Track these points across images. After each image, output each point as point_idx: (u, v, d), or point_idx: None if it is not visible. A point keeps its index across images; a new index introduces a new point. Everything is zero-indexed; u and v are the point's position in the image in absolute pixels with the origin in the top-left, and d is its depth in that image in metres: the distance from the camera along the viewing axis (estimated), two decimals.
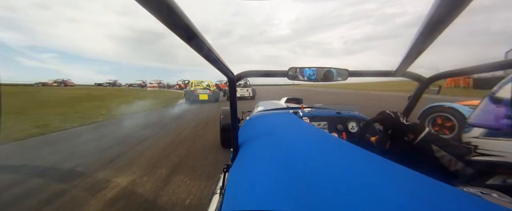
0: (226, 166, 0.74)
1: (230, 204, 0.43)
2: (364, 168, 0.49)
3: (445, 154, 0.65)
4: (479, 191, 0.43)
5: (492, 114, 0.48)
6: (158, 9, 0.24)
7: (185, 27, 0.29)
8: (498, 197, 0.40)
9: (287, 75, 0.78)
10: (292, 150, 0.63)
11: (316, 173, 0.47)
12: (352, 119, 1.39)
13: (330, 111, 1.52)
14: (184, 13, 0.27)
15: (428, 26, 0.35)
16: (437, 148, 0.67)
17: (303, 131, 0.88)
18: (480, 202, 0.36)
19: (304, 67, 0.77)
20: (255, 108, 2.28)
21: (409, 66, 0.69)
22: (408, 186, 0.40)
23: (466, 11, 0.29)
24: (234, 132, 0.82)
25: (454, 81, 17.66)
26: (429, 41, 0.42)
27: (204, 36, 0.35)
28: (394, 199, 0.35)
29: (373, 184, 0.40)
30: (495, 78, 4.12)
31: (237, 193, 0.46)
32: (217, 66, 0.52)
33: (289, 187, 0.42)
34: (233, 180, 0.56)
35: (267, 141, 0.78)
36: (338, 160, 0.54)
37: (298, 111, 1.48)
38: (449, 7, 0.28)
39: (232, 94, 0.74)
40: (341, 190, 0.39)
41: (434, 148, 0.68)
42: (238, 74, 0.76)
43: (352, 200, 0.36)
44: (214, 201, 0.69)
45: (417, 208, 0.33)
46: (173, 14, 0.25)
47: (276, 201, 0.38)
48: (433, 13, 0.30)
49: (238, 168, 0.63)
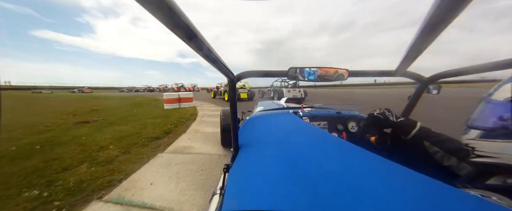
0: (226, 166, 0.73)
1: (230, 204, 0.43)
2: (364, 168, 0.49)
3: (437, 150, 0.65)
4: (480, 192, 0.43)
5: (488, 116, 0.49)
6: (158, 9, 0.24)
7: (185, 27, 0.29)
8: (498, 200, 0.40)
9: (287, 75, 0.78)
10: (292, 150, 0.63)
11: (316, 173, 0.47)
12: (352, 119, 1.39)
13: (330, 110, 1.52)
14: (184, 13, 0.27)
15: (427, 26, 0.35)
16: (429, 145, 0.68)
17: (303, 131, 0.88)
18: (480, 202, 0.36)
19: (304, 67, 0.77)
20: (255, 108, 2.28)
21: (409, 66, 0.69)
22: (408, 186, 0.40)
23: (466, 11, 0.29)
24: (234, 132, 0.82)
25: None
26: (429, 41, 0.42)
27: (203, 36, 0.35)
28: (393, 198, 0.35)
29: (373, 184, 0.40)
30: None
31: (237, 193, 0.46)
32: (217, 66, 0.51)
33: (289, 187, 0.42)
34: (233, 180, 0.56)
35: (267, 142, 0.78)
36: (339, 160, 0.54)
37: (298, 111, 1.48)
38: (449, 7, 0.28)
39: (232, 94, 0.74)
40: (341, 190, 0.39)
41: (426, 144, 0.68)
42: (238, 74, 0.76)
43: (352, 199, 0.36)
44: (214, 201, 0.69)
45: (418, 207, 0.33)
46: (173, 14, 0.25)
47: (276, 201, 0.38)
48: (433, 13, 0.30)
49: (238, 168, 0.63)
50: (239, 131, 0.97)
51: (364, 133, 1.06)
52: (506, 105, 0.45)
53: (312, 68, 0.77)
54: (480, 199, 0.37)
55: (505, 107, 0.45)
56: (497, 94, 0.48)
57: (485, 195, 0.42)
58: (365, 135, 1.16)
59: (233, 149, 0.87)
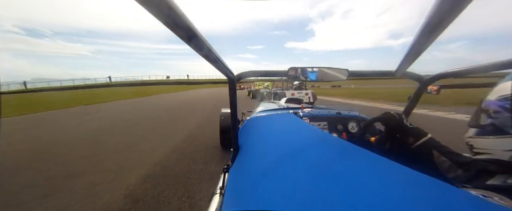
0: (226, 166, 0.73)
1: (230, 204, 0.43)
2: (365, 167, 0.49)
3: (445, 160, 0.67)
4: (480, 192, 0.43)
5: (481, 114, 0.54)
6: (158, 9, 0.24)
7: (185, 27, 0.29)
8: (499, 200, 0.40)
9: (287, 75, 0.78)
10: (292, 150, 0.63)
11: (316, 174, 0.46)
12: (352, 119, 1.39)
13: (330, 111, 1.52)
14: (184, 13, 0.27)
15: (428, 26, 0.35)
16: (438, 154, 0.69)
17: (303, 132, 0.88)
18: (480, 202, 0.35)
19: (304, 67, 0.77)
20: (255, 108, 2.28)
21: (409, 66, 0.69)
22: (409, 186, 0.40)
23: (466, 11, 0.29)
24: (234, 132, 0.82)
25: None
26: (429, 41, 0.42)
27: (203, 36, 0.35)
28: (393, 198, 0.35)
29: (373, 184, 0.40)
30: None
31: (237, 193, 0.46)
32: (217, 66, 0.51)
33: (289, 187, 0.42)
34: (233, 180, 0.56)
35: (267, 142, 0.78)
36: (339, 160, 0.54)
37: (298, 111, 1.48)
38: (449, 7, 0.28)
39: (232, 94, 0.74)
40: (341, 190, 0.39)
41: (435, 153, 0.70)
42: (238, 74, 0.76)
43: (353, 200, 0.36)
44: (214, 201, 0.69)
45: (418, 207, 0.33)
46: (173, 14, 0.25)
47: (276, 201, 0.38)
48: (433, 13, 0.30)
49: (238, 168, 0.63)
50: (239, 131, 0.97)
51: (371, 125, 1.05)
52: (495, 104, 0.49)
53: (312, 68, 0.77)
54: (480, 199, 0.37)
55: (495, 105, 0.49)
56: (491, 94, 0.52)
57: (485, 195, 0.42)
58: (370, 128, 1.15)
59: (233, 150, 0.87)
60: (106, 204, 1.75)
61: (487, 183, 0.49)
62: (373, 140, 1.01)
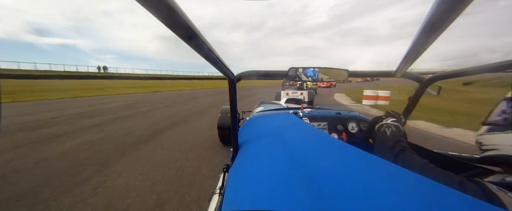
0: (226, 166, 0.73)
1: (229, 204, 0.43)
2: (364, 168, 0.49)
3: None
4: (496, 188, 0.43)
5: (496, 112, 0.55)
6: (158, 9, 0.23)
7: (185, 27, 0.29)
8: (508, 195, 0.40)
9: (287, 76, 0.78)
10: (292, 150, 0.63)
11: (316, 174, 0.46)
12: (352, 120, 1.39)
13: (330, 111, 1.52)
14: (184, 13, 0.27)
15: (427, 26, 0.35)
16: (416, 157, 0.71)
17: (303, 132, 0.88)
18: (480, 202, 0.35)
19: (304, 68, 0.77)
20: (255, 108, 2.28)
21: (409, 66, 0.69)
22: (408, 186, 0.40)
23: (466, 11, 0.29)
24: (234, 132, 0.82)
25: None
26: (429, 41, 0.42)
27: (204, 36, 0.35)
28: (393, 198, 0.35)
29: (373, 185, 0.40)
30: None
31: (237, 193, 0.46)
32: (217, 66, 0.51)
33: (289, 187, 0.42)
34: (233, 180, 0.56)
35: (267, 142, 0.78)
36: (339, 161, 0.54)
37: (298, 111, 1.48)
38: (449, 7, 0.28)
39: (232, 94, 0.74)
40: (341, 191, 0.39)
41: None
42: (238, 74, 0.76)
43: (353, 200, 0.36)
44: (213, 201, 0.69)
45: (419, 207, 0.33)
46: (173, 14, 0.25)
47: (275, 201, 0.38)
48: (433, 13, 0.30)
49: (238, 168, 0.63)
50: (239, 131, 0.97)
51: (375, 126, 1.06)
52: (509, 101, 0.50)
53: (312, 68, 0.77)
54: (475, 200, 0.37)
55: (508, 103, 0.50)
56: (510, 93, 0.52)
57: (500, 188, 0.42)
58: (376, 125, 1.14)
59: (233, 149, 0.87)
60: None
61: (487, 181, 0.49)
62: (372, 141, 1.01)
